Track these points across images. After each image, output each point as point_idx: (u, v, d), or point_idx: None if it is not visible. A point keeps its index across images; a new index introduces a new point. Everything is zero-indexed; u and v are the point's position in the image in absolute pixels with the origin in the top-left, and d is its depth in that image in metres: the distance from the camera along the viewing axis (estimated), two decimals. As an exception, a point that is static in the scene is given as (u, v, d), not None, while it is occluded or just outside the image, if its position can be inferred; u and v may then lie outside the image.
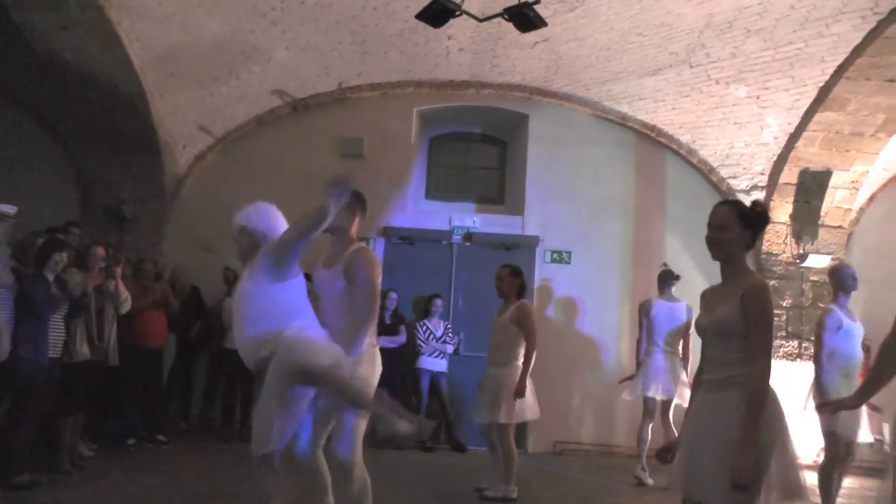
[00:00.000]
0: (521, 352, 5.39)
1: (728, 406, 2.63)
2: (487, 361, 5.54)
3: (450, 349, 7.80)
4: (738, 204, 2.87)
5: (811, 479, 6.98)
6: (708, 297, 2.89)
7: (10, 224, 5.05)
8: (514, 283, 5.48)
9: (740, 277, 2.76)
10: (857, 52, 6.18)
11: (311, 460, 3.48)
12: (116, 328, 6.05)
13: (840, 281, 4.96)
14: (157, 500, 4.94)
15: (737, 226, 2.77)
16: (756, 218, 2.81)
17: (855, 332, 4.88)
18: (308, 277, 3.58)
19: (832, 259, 7.63)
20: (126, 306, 6.09)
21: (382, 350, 7.73)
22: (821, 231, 7.89)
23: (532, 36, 6.61)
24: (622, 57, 7.17)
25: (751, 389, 2.58)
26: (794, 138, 7.40)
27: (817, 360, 4.85)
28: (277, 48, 7.20)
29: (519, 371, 5.31)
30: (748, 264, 2.89)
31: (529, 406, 5.34)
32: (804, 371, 7.70)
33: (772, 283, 7.97)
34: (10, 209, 5.02)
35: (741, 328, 2.66)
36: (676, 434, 3.58)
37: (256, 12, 6.55)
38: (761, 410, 2.53)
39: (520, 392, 5.21)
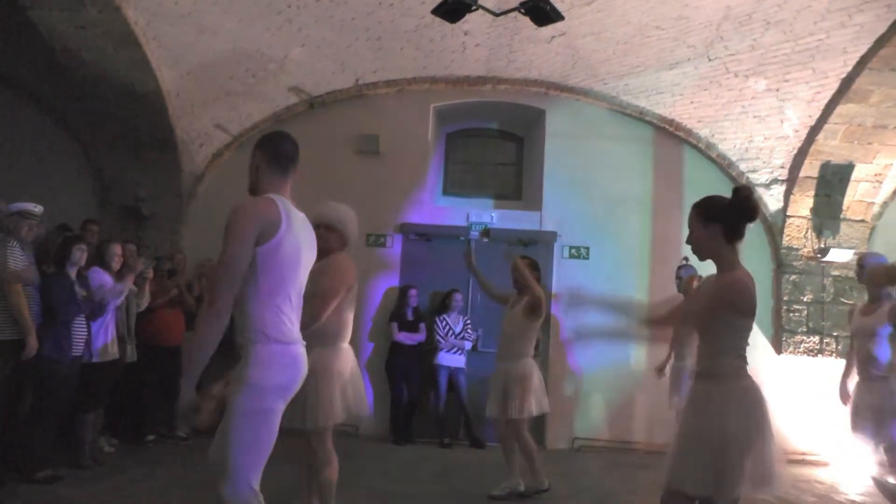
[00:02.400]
0: (532, 346, 5.36)
1: (706, 396, 2.69)
2: (497, 356, 5.47)
3: (468, 346, 7.78)
4: (701, 202, 2.85)
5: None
6: (702, 286, 2.93)
7: (37, 222, 5.11)
8: (534, 276, 5.46)
9: (723, 273, 2.79)
10: (881, 42, 6.06)
11: None
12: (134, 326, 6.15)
13: None
14: (175, 494, 4.98)
15: (697, 223, 2.81)
16: (715, 207, 2.79)
17: None
18: None
19: (854, 253, 7.54)
20: (145, 303, 6.22)
21: (402, 346, 7.80)
22: (842, 225, 7.79)
23: (548, 30, 6.57)
24: (639, 51, 7.11)
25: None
26: (814, 131, 7.29)
27: None
28: (293, 46, 7.21)
29: (529, 366, 5.25)
30: (766, 258, 2.89)
31: (540, 400, 5.29)
32: (825, 367, 7.63)
33: (792, 277, 7.90)
34: (35, 208, 5.07)
35: (713, 322, 2.73)
36: None
37: (272, 10, 6.56)
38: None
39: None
